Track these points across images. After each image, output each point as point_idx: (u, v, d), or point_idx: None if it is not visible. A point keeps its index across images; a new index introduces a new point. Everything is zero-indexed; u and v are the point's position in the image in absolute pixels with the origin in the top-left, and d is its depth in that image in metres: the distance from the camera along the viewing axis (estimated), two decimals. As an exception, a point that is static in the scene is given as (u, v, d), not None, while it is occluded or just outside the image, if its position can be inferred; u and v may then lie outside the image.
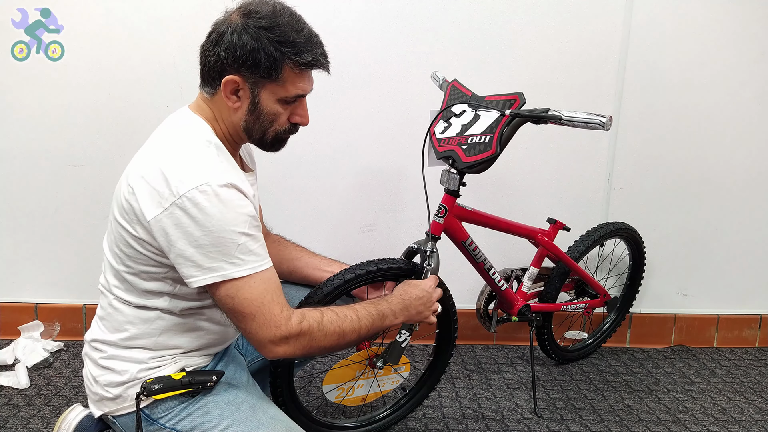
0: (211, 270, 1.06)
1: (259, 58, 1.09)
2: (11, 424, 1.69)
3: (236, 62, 1.10)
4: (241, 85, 1.12)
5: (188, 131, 1.14)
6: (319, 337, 1.15)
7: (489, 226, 1.80)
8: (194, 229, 1.04)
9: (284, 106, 1.17)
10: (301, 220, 2.20)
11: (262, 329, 1.09)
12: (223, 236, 1.04)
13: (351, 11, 2.06)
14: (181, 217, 1.03)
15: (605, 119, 1.33)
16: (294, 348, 1.13)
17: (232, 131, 1.19)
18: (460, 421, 1.80)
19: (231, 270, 1.06)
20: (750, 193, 2.28)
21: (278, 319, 1.09)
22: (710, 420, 1.85)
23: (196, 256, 1.05)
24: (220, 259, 1.05)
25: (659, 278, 2.35)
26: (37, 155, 2.10)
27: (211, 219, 1.03)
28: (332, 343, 1.18)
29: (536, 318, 1.92)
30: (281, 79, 1.13)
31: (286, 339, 1.11)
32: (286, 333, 1.10)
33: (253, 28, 1.09)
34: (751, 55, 2.17)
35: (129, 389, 1.17)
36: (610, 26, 2.12)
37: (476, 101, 1.56)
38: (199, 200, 1.03)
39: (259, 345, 1.11)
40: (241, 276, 1.07)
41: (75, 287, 2.21)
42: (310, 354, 1.17)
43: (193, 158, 1.08)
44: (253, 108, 1.15)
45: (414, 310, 1.35)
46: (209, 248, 1.04)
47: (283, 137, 1.22)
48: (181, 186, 1.03)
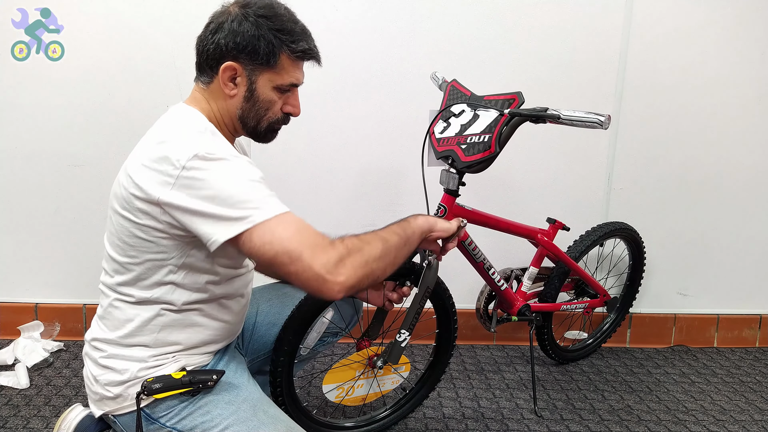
0: (239, 220, 1.02)
1: (258, 44, 1.13)
2: (11, 424, 1.70)
3: (236, 48, 1.13)
4: (239, 72, 1.15)
5: (184, 121, 1.15)
6: (367, 249, 1.09)
7: (489, 225, 1.80)
8: (208, 187, 1.03)
9: (279, 95, 1.20)
10: (301, 220, 2.20)
11: (316, 260, 1.01)
12: (240, 183, 1.04)
13: (351, 11, 2.06)
14: (192, 183, 1.03)
15: (603, 118, 1.33)
16: (352, 268, 1.05)
17: (228, 121, 1.21)
18: (460, 421, 1.80)
19: (257, 214, 1.03)
20: (750, 193, 2.28)
21: (324, 244, 1.04)
22: (710, 420, 1.85)
23: (220, 210, 1.03)
24: (243, 207, 1.03)
25: (659, 278, 2.35)
26: (37, 155, 2.11)
27: (221, 173, 1.04)
28: (380, 251, 1.11)
29: (536, 318, 1.92)
30: (278, 67, 1.17)
31: (341, 261, 1.03)
32: (337, 255, 1.03)
33: (253, 16, 1.14)
34: (751, 55, 2.17)
35: (129, 388, 1.17)
36: (610, 26, 2.12)
37: (475, 101, 1.56)
38: (202, 164, 1.04)
39: (319, 280, 1.02)
40: (269, 217, 1.03)
41: (75, 287, 2.21)
42: (372, 274, 1.10)
43: (189, 136, 1.10)
44: (249, 95, 1.18)
45: (433, 221, 1.27)
46: (230, 200, 1.03)
47: (275, 127, 1.25)
48: (182, 157, 1.04)
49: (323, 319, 1.52)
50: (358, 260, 1.07)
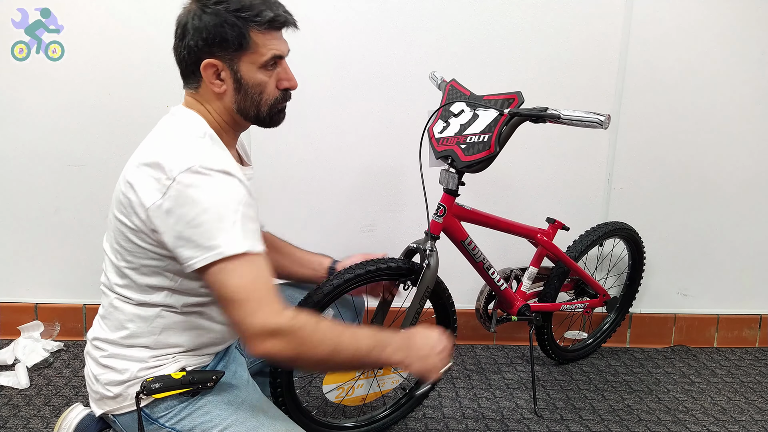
0: (209, 249, 1.02)
1: (224, 31, 1.10)
2: (11, 424, 1.70)
3: (206, 45, 1.11)
4: (220, 67, 1.13)
5: (182, 125, 1.15)
6: (313, 341, 1.05)
7: (488, 225, 1.80)
8: (190, 208, 1.02)
9: (267, 73, 1.17)
10: (301, 220, 2.20)
11: (252, 317, 1.02)
12: (219, 213, 1.03)
13: (350, 10, 2.06)
14: (177, 198, 1.03)
15: (603, 117, 1.33)
16: (283, 346, 1.03)
17: (227, 118, 1.19)
18: (460, 421, 1.80)
19: (229, 246, 1.02)
20: (750, 193, 2.28)
21: (270, 309, 1.03)
22: (710, 420, 1.85)
23: (194, 235, 1.03)
24: (216, 237, 1.02)
25: (659, 278, 2.35)
26: (37, 155, 2.11)
27: (205, 197, 1.03)
28: (325, 353, 1.07)
29: (536, 318, 1.92)
30: (252, 46, 1.13)
31: (276, 332, 1.02)
32: (276, 325, 1.02)
33: (210, 6, 1.11)
34: (751, 55, 2.17)
35: (129, 388, 1.17)
36: (610, 26, 2.12)
37: (475, 100, 1.56)
38: (192, 180, 1.03)
39: (247, 335, 1.03)
40: (235, 254, 1.02)
41: (75, 287, 2.21)
42: (298, 359, 1.07)
43: (186, 146, 1.09)
44: (238, 85, 1.15)
45: (416, 352, 1.19)
46: (205, 226, 1.02)
47: (278, 107, 1.21)
48: (175, 168, 1.03)
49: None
50: (292, 346, 1.04)
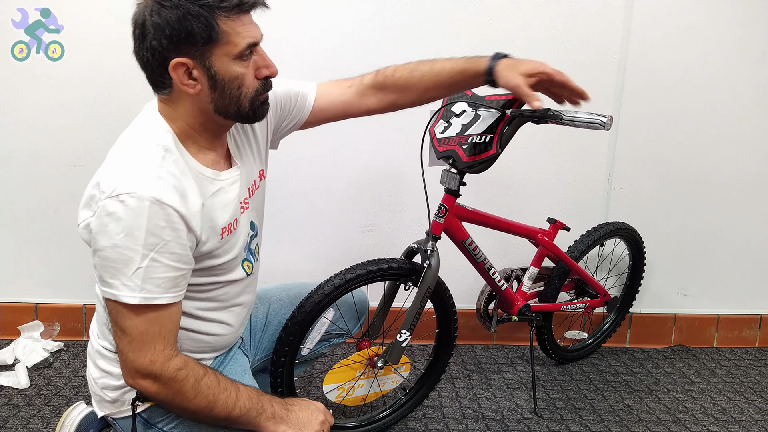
0: (108, 285, 1.00)
1: (189, 24, 0.98)
2: (11, 424, 1.69)
3: (171, 43, 1.00)
4: (191, 65, 1.02)
5: (139, 133, 1.09)
6: (190, 394, 1.05)
7: (489, 225, 1.80)
8: (101, 237, 0.98)
9: (243, 64, 1.05)
10: (301, 220, 2.20)
11: (136, 354, 1.01)
12: (125, 255, 0.97)
13: (350, 10, 2.06)
14: (97, 224, 0.99)
15: (606, 119, 1.33)
16: (158, 390, 1.04)
17: (204, 120, 1.09)
18: (460, 421, 1.80)
19: (123, 293, 0.99)
20: (750, 193, 2.28)
21: (156, 355, 1.02)
22: (710, 420, 1.85)
23: (98, 264, 1.00)
24: (115, 278, 0.99)
25: (659, 278, 2.35)
26: (37, 155, 2.10)
27: (118, 232, 0.97)
28: (199, 406, 1.07)
29: (536, 318, 1.92)
30: (223, 36, 1.01)
31: (155, 377, 1.02)
32: (158, 371, 1.02)
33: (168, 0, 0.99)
34: (751, 55, 2.17)
35: (125, 394, 1.17)
36: (610, 26, 2.12)
37: (476, 101, 1.56)
38: (114, 208, 0.97)
39: (125, 367, 1.04)
40: (130, 303, 0.99)
41: (75, 287, 2.21)
42: (171, 405, 1.08)
43: (128, 162, 1.02)
44: (213, 82, 1.04)
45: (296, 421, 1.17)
46: (108, 262, 0.99)
47: (260, 99, 1.11)
48: (106, 190, 0.98)
49: (323, 319, 1.52)
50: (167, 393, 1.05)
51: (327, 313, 1.51)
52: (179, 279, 1.04)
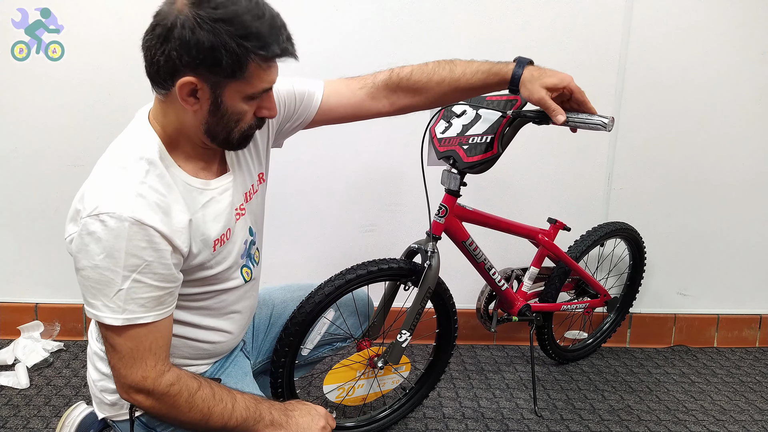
0: (90, 305, 1.00)
1: (219, 56, 0.94)
2: (11, 424, 1.69)
3: (192, 62, 0.95)
4: (200, 86, 0.98)
5: (126, 144, 1.06)
6: (184, 408, 1.05)
7: (489, 226, 1.80)
8: (82, 257, 0.97)
9: (250, 103, 1.04)
10: (301, 220, 2.20)
11: (128, 370, 1.01)
12: (105, 276, 0.96)
13: (350, 10, 2.06)
14: (78, 242, 0.97)
15: (607, 120, 1.32)
16: (152, 405, 1.04)
17: (191, 134, 1.06)
18: (460, 421, 1.80)
19: (105, 314, 0.98)
20: (750, 193, 2.28)
21: (148, 371, 1.01)
22: (710, 420, 1.85)
23: (82, 285, 1.00)
24: (96, 298, 0.98)
25: (659, 278, 2.35)
26: (37, 155, 2.10)
27: (98, 252, 0.95)
28: (194, 419, 1.07)
29: (536, 318, 1.92)
30: (247, 77, 0.98)
31: (148, 392, 1.02)
32: (150, 387, 1.02)
33: (208, 22, 0.93)
34: (751, 55, 2.17)
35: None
36: (610, 26, 2.12)
37: (477, 101, 1.56)
38: (94, 228, 0.95)
39: (118, 382, 1.04)
40: (113, 324, 0.98)
41: (75, 287, 2.16)
42: (167, 419, 1.08)
43: (112, 177, 1.00)
44: (215, 109, 1.01)
45: (295, 427, 1.16)
46: (89, 282, 0.97)
47: (249, 134, 1.09)
48: (88, 207, 0.97)
49: (323, 319, 1.52)
50: (161, 407, 1.05)
51: (327, 314, 1.51)
52: (165, 297, 1.02)
